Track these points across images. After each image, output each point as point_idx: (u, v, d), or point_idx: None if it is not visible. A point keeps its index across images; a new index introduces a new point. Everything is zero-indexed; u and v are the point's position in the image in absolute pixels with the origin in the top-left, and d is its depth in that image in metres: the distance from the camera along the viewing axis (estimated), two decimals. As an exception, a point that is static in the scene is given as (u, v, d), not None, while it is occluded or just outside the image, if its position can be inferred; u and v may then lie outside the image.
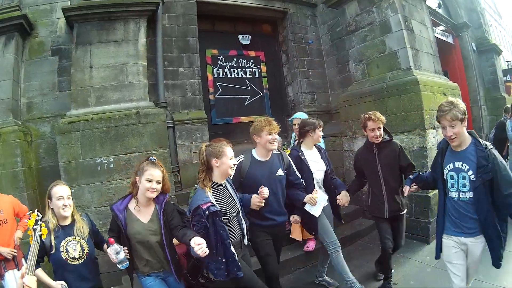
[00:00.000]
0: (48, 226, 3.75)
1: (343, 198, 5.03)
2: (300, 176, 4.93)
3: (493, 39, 18.60)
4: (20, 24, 7.47)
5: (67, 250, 3.77)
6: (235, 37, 10.13)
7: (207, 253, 3.38)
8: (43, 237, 3.29)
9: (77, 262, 3.81)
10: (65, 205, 3.86)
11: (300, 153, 5.13)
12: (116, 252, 3.49)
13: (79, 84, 7.17)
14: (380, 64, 8.56)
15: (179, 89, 8.63)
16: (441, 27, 14.32)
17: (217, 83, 9.70)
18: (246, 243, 4.30)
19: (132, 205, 3.93)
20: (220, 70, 9.80)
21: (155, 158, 4.25)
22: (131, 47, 7.46)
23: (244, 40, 10.15)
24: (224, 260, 3.79)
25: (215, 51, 9.72)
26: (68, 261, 3.76)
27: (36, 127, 7.70)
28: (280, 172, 4.62)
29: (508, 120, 9.77)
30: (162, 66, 8.25)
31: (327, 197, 5.01)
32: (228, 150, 4.03)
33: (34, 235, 3.09)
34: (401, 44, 8.09)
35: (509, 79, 18.51)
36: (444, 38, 14.48)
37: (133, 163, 6.81)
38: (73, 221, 3.97)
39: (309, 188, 4.94)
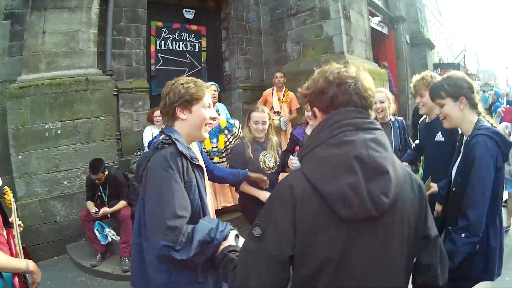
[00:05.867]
0: (244, 141, 4.99)
1: None
2: None
3: (429, 35, 20.68)
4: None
5: (264, 161, 4.93)
6: (180, 11, 10.94)
7: None
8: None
9: (271, 171, 4.92)
10: (260, 130, 4.88)
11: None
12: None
13: (31, 49, 7.49)
14: (316, 46, 10.20)
15: (124, 58, 9.32)
16: (378, 18, 15.87)
17: (159, 54, 10.51)
18: None
19: (308, 130, 5.24)
20: (163, 42, 10.59)
21: None
22: (84, 15, 7.87)
23: (188, 14, 11.02)
24: None
25: (159, 24, 10.47)
26: (265, 169, 4.87)
27: (-16, 92, 7.86)
28: None
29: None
30: (111, 35, 8.87)
31: None
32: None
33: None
34: (338, 30, 9.72)
35: (439, 72, 20.11)
36: (379, 29, 16.09)
37: (79, 129, 7.50)
38: (267, 139, 5.06)
39: None
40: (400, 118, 5.82)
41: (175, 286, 2.42)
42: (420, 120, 5.08)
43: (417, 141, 5.15)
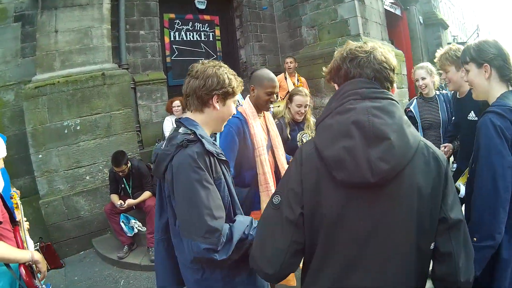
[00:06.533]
0: (283, 121, 5.07)
1: None
2: None
3: (441, 15, 20.41)
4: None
5: (302, 141, 5.00)
6: (191, 2, 10.81)
7: None
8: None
9: None
10: (301, 113, 5.00)
11: None
12: None
13: (44, 48, 7.49)
14: (331, 30, 10.10)
15: (139, 51, 9.28)
16: (391, 0, 15.66)
17: (173, 45, 10.42)
18: None
19: None
20: (177, 33, 10.50)
21: None
22: (96, 11, 7.89)
23: (200, 4, 10.89)
24: None
25: (172, 15, 10.37)
26: None
27: (-1, 95, 8.03)
28: None
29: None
30: (124, 29, 8.79)
31: None
32: None
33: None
34: (352, 13, 9.59)
35: (457, 51, 19.88)
36: (392, 10, 15.86)
37: (98, 123, 7.52)
38: (305, 120, 5.16)
39: None
40: (445, 91, 5.77)
41: (209, 282, 2.41)
42: (452, 93, 4.90)
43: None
